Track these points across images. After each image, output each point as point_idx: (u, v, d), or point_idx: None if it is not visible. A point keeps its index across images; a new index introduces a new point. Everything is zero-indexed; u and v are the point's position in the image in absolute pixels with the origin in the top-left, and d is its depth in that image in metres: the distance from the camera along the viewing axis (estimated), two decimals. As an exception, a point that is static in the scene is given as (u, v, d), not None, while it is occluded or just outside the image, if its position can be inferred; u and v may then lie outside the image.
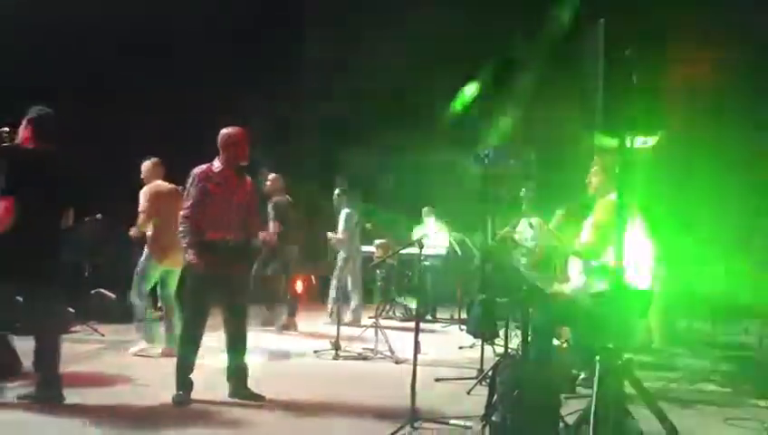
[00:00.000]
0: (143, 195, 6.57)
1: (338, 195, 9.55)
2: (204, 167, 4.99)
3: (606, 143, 3.31)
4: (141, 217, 6.47)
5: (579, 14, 9.60)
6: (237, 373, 5.00)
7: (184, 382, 4.84)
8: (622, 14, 3.11)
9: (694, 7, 8.54)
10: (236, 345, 5.02)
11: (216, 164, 4.99)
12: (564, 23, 9.71)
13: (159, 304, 6.89)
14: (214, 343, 5.11)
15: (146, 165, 6.77)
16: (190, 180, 4.98)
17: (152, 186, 6.61)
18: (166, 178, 6.73)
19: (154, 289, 6.66)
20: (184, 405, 4.72)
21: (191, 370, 4.89)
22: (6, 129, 5.29)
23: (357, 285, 9.34)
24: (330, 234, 9.29)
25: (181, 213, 4.97)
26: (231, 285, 4.97)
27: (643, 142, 3.10)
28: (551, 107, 10.47)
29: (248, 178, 5.21)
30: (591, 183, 4.78)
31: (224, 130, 5.04)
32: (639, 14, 3.11)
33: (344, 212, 9.23)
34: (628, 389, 3.10)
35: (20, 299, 6.94)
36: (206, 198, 4.89)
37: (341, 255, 9.11)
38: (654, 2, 5.20)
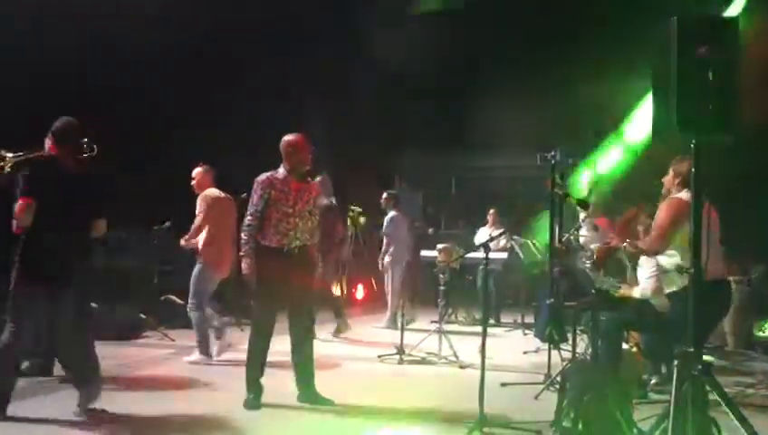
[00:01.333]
0: (202, 201, 6.56)
1: (385, 198, 9.55)
2: (268, 174, 5.04)
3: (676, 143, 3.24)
4: (196, 223, 6.50)
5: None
6: (305, 378, 5.05)
7: (254, 386, 4.92)
8: (696, 10, 3.03)
9: None
10: (303, 350, 5.07)
11: (281, 171, 5.05)
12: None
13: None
14: (281, 346, 5.16)
15: (197, 172, 6.76)
16: (254, 188, 5.05)
17: (210, 193, 6.61)
18: (220, 187, 6.78)
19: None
20: (254, 409, 4.80)
21: (261, 374, 4.96)
22: (85, 139, 5.47)
23: (397, 289, 9.31)
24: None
25: (245, 220, 5.04)
26: (296, 291, 5.01)
27: (719, 141, 3.02)
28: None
29: (313, 184, 5.27)
30: (664, 184, 4.73)
31: (285, 138, 5.09)
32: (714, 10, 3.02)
33: (388, 216, 9.25)
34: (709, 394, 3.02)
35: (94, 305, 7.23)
36: (269, 205, 4.95)
37: (386, 259, 9.13)
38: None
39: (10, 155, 5.02)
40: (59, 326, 4.57)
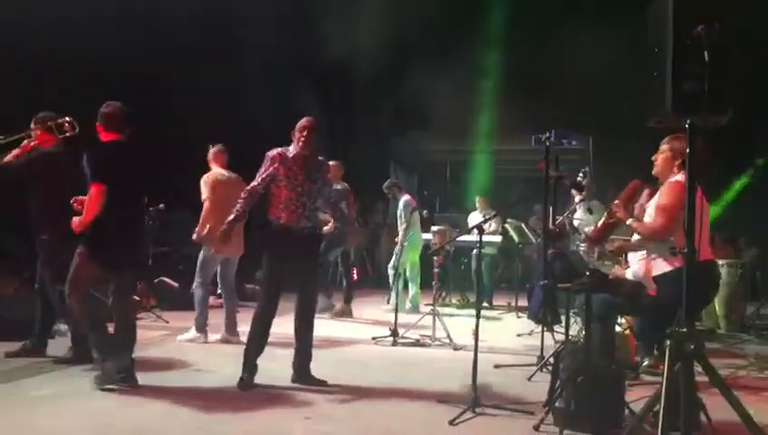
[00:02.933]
0: (203, 185, 6.60)
1: (391, 187, 9.52)
2: (279, 149, 5.01)
3: (672, 124, 3.22)
4: (206, 207, 6.52)
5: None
6: (302, 359, 5.06)
7: (249, 366, 4.93)
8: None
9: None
10: (303, 332, 5.07)
11: (291, 149, 5.03)
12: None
13: (219, 292, 7.04)
14: (276, 328, 5.16)
15: (212, 152, 6.83)
16: (265, 161, 5.01)
17: (211, 176, 6.65)
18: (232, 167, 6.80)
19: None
20: (247, 389, 4.81)
21: (259, 354, 4.96)
22: (68, 118, 5.48)
23: (416, 272, 9.32)
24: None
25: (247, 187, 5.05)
26: (301, 271, 5.02)
27: (714, 123, 3.00)
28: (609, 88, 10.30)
29: (326, 165, 5.28)
30: (657, 163, 4.67)
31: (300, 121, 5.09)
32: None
33: (403, 200, 9.19)
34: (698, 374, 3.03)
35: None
36: (277, 182, 4.95)
37: (405, 243, 9.00)
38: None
39: None
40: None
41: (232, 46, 10.01)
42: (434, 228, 8.60)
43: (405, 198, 9.27)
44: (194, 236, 6.68)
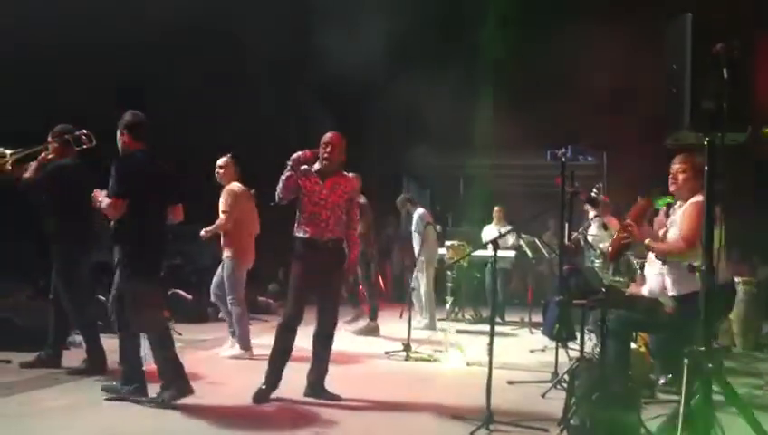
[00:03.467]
0: (229, 196, 6.47)
1: (403, 201, 9.49)
2: (309, 155, 5.00)
3: (692, 141, 3.20)
4: (224, 218, 6.43)
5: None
6: (317, 373, 5.05)
7: (272, 378, 4.91)
8: (711, 7, 3.01)
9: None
10: (321, 347, 5.06)
11: (316, 165, 5.05)
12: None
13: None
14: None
15: (225, 161, 6.66)
16: (290, 163, 4.96)
17: (235, 187, 6.52)
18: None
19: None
20: (262, 402, 4.80)
21: (283, 365, 4.94)
22: (85, 131, 5.54)
23: (431, 288, 9.22)
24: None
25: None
26: (324, 284, 5.03)
27: (732, 141, 2.99)
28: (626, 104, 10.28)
29: (351, 179, 5.26)
30: (677, 181, 4.62)
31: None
32: (729, 7, 3.00)
33: (417, 214, 9.12)
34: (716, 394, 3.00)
35: (102, 298, 7.29)
36: (301, 195, 4.98)
37: (421, 258, 8.87)
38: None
39: (9, 152, 5.11)
40: None
41: (242, 57, 10.05)
42: (447, 243, 8.56)
43: (419, 211, 9.19)
44: (202, 233, 6.57)
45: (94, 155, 5.54)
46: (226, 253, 6.50)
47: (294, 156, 4.96)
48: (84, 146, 5.55)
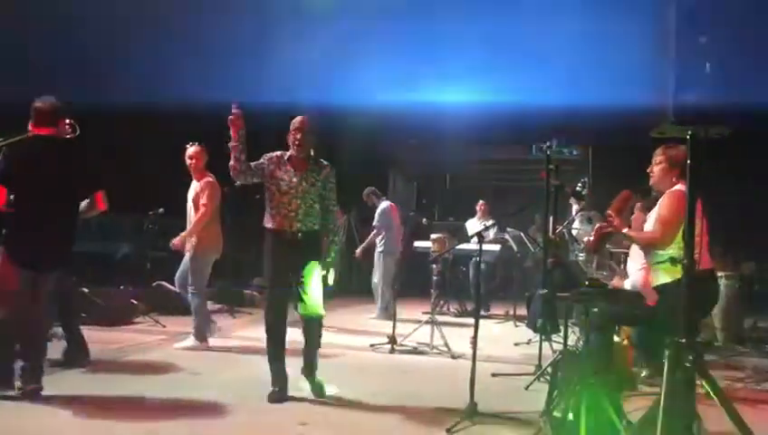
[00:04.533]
0: (210, 188, 6.43)
1: (366, 194, 9.57)
2: (278, 152, 4.90)
3: (675, 135, 3.22)
4: (206, 212, 6.38)
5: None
6: (306, 355, 4.96)
7: (277, 378, 4.81)
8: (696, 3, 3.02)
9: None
10: (307, 341, 4.97)
11: (290, 151, 4.90)
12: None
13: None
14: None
15: (196, 151, 6.57)
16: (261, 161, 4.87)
17: (212, 179, 6.50)
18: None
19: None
20: (280, 402, 4.69)
21: (280, 364, 4.85)
22: (68, 120, 5.46)
23: (389, 281, 9.31)
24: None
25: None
26: (297, 277, 4.83)
27: (717, 134, 3.01)
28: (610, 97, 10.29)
29: (327, 168, 4.99)
30: (654, 173, 4.65)
31: None
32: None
33: (381, 207, 9.29)
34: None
35: (86, 290, 7.25)
36: (269, 181, 4.83)
37: (379, 249, 9.16)
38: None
39: None
40: None
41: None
42: (432, 236, 8.59)
43: (383, 205, 9.32)
44: (175, 241, 6.46)
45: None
46: (195, 242, 6.44)
47: (270, 155, 4.86)
48: (68, 136, 5.48)
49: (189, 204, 6.61)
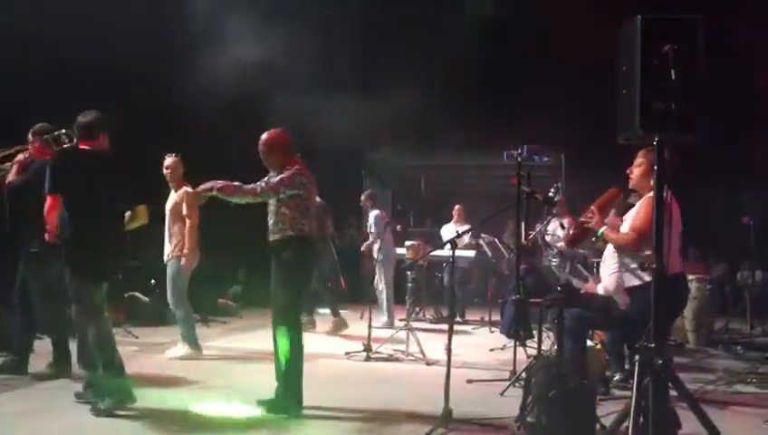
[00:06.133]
0: (191, 197, 6.24)
1: (366, 198, 9.56)
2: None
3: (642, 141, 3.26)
4: (193, 223, 6.39)
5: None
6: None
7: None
8: (660, 10, 3.06)
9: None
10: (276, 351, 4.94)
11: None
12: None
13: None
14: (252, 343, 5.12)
15: (173, 161, 6.58)
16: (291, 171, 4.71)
17: (191, 190, 6.22)
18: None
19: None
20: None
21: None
22: (64, 131, 5.40)
23: (390, 287, 9.29)
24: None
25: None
26: (273, 288, 4.85)
27: (683, 140, 3.05)
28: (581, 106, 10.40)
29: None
30: (633, 175, 4.72)
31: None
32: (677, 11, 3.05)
33: (373, 214, 9.23)
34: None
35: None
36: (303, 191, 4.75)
37: (379, 257, 9.01)
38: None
39: None
40: None
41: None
42: (407, 243, 8.62)
43: (375, 212, 9.31)
44: (168, 255, 6.48)
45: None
46: (175, 253, 6.45)
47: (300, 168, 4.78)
48: (65, 145, 5.40)
49: (167, 214, 6.59)
